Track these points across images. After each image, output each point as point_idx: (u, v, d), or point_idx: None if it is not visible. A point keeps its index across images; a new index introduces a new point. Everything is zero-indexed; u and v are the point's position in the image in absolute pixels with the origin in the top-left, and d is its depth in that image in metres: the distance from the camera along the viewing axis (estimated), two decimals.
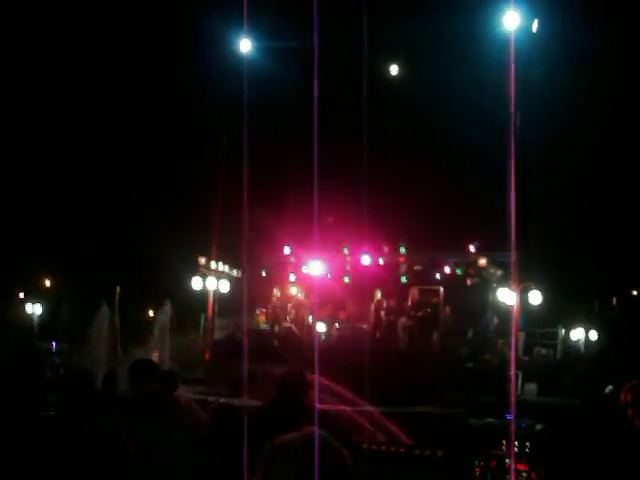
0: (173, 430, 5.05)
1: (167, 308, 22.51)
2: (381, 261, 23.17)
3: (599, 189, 26.75)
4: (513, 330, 18.47)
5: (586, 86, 24.41)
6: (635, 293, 31.56)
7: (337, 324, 22.44)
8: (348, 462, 2.33)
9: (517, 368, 18.23)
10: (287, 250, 24.39)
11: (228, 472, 4.47)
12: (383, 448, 9.80)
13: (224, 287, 22.43)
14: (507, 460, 7.06)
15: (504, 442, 7.02)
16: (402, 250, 22.84)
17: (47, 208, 32.53)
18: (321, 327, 22.71)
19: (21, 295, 37.42)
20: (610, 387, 17.14)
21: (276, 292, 22.74)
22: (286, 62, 22.77)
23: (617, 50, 24.35)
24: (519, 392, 17.96)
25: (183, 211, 29.23)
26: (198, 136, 27.14)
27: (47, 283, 40.14)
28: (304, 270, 23.96)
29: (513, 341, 15.71)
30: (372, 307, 21.57)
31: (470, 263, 21.92)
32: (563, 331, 22.25)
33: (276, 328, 21.98)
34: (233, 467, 4.38)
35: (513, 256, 16.24)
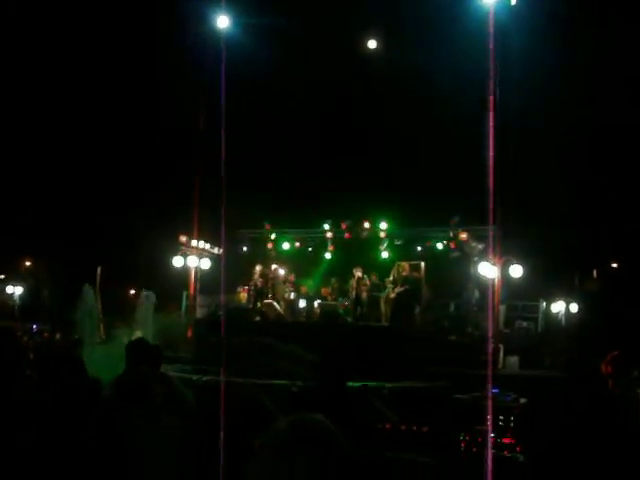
0: (164, 410, 5.03)
1: (149, 290, 22.45)
2: (362, 236, 23.15)
3: (580, 161, 26.86)
4: (491, 303, 18.54)
5: (565, 57, 24.43)
6: (615, 266, 31.81)
7: (319, 300, 22.48)
8: (343, 447, 2.28)
9: (499, 341, 18.34)
10: (268, 226, 24.32)
11: (213, 453, 4.46)
12: None
13: (205, 265, 22.36)
14: (492, 434, 7.10)
15: (489, 416, 7.05)
16: (383, 225, 22.81)
17: (27, 190, 32.30)
18: (303, 303, 22.74)
19: (1, 276, 37.26)
20: (589, 358, 17.31)
21: (257, 269, 22.68)
22: (266, 40, 22.59)
23: (594, 20, 24.36)
24: (500, 365, 18.07)
25: (163, 189, 29.10)
26: (178, 114, 26.94)
27: (27, 264, 39.94)
28: (285, 246, 23.92)
29: (490, 314, 15.73)
30: (353, 283, 21.59)
31: (451, 237, 21.93)
32: (544, 304, 22.40)
33: (258, 305, 21.97)
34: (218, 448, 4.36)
35: (491, 229, 16.27)
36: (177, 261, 21.68)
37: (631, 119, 25.59)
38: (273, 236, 24.05)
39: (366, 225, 23.10)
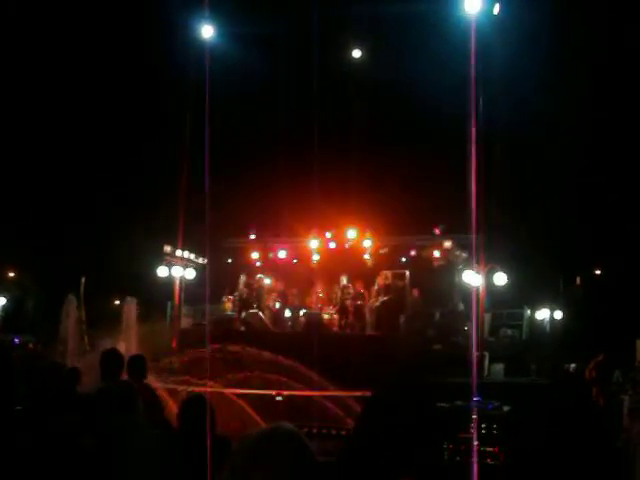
0: (144, 422, 5.00)
1: (132, 298, 22.35)
2: (347, 245, 23.16)
3: (563, 170, 26.98)
4: (476, 311, 18.59)
5: (549, 67, 24.54)
6: (598, 272, 31.98)
7: (304, 310, 22.46)
8: (313, 458, 2.30)
9: (484, 349, 18.36)
10: (253, 236, 24.30)
11: (196, 464, 4.44)
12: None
13: (190, 275, 22.32)
14: (476, 442, 7.11)
15: (472, 425, 7.09)
16: (368, 234, 22.83)
17: (10, 199, 32.11)
18: (288, 313, 22.72)
19: None
20: (573, 365, 17.39)
21: (243, 278, 22.65)
22: (250, 48, 22.59)
23: (579, 30, 24.48)
24: (486, 373, 18.09)
25: (147, 199, 29.01)
26: (161, 123, 26.90)
27: (11, 274, 39.69)
28: (270, 256, 23.90)
29: (474, 322, 15.77)
30: (338, 293, 21.62)
31: (436, 246, 21.98)
32: (528, 311, 22.45)
33: (243, 314, 21.95)
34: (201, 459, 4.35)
35: (474, 237, 16.30)
36: (161, 271, 21.63)
37: (629, 124, 25.70)
38: (258, 246, 24.04)
39: (351, 234, 23.11)
